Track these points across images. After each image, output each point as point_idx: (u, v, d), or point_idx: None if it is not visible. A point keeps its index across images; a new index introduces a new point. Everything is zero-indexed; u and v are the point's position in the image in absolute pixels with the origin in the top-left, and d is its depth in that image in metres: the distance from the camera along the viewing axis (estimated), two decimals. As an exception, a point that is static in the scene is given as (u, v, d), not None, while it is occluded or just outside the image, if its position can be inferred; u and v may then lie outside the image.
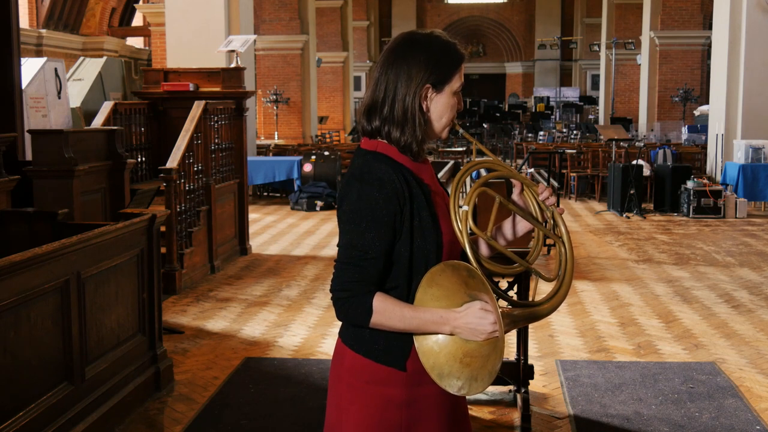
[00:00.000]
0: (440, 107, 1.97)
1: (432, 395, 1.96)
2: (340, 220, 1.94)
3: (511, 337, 4.44)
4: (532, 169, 13.21)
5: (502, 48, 36.12)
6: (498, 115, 25.78)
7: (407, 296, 1.92)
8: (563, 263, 1.97)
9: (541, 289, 2.38)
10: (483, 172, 3.05)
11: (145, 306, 4.51)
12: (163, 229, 6.50)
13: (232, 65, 8.95)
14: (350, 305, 1.89)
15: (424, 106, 1.96)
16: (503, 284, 4.01)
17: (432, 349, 1.88)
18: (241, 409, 4.37)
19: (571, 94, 30.83)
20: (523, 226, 2.05)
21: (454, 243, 1.95)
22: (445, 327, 1.86)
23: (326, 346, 5.47)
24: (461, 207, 1.90)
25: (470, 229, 1.89)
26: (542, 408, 4.38)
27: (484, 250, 2.06)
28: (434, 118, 1.98)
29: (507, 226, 2.08)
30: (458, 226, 1.88)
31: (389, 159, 1.95)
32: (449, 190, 1.95)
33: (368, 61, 30.57)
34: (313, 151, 13.92)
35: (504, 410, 4.33)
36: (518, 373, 4.25)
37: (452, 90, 1.97)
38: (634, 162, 12.05)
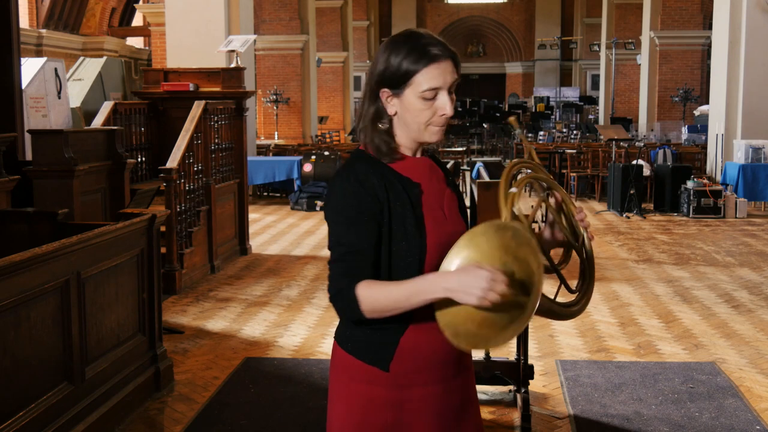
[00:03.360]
0: (409, 111, 1.89)
1: (423, 398, 1.92)
2: (326, 219, 1.93)
3: (511, 337, 4.43)
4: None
5: (502, 48, 36.12)
6: (498, 115, 25.74)
7: None
8: (587, 281, 1.99)
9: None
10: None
11: (145, 306, 4.50)
12: (163, 229, 6.50)
13: (232, 65, 8.94)
14: (340, 301, 1.85)
15: (389, 111, 1.91)
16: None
17: (450, 307, 1.77)
18: (241, 409, 4.37)
19: (571, 94, 30.84)
20: (560, 236, 2.00)
21: (443, 246, 1.86)
22: (437, 288, 1.73)
23: (326, 346, 5.47)
24: (510, 190, 1.85)
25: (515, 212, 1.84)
26: (542, 408, 4.38)
27: None
28: (406, 123, 1.91)
29: (546, 231, 2.02)
30: (504, 207, 1.83)
31: (371, 158, 1.92)
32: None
33: (368, 61, 30.53)
34: (313, 151, 13.93)
35: (504, 410, 4.33)
36: (518, 373, 4.25)
37: (416, 93, 1.86)
38: (634, 162, 12.05)
